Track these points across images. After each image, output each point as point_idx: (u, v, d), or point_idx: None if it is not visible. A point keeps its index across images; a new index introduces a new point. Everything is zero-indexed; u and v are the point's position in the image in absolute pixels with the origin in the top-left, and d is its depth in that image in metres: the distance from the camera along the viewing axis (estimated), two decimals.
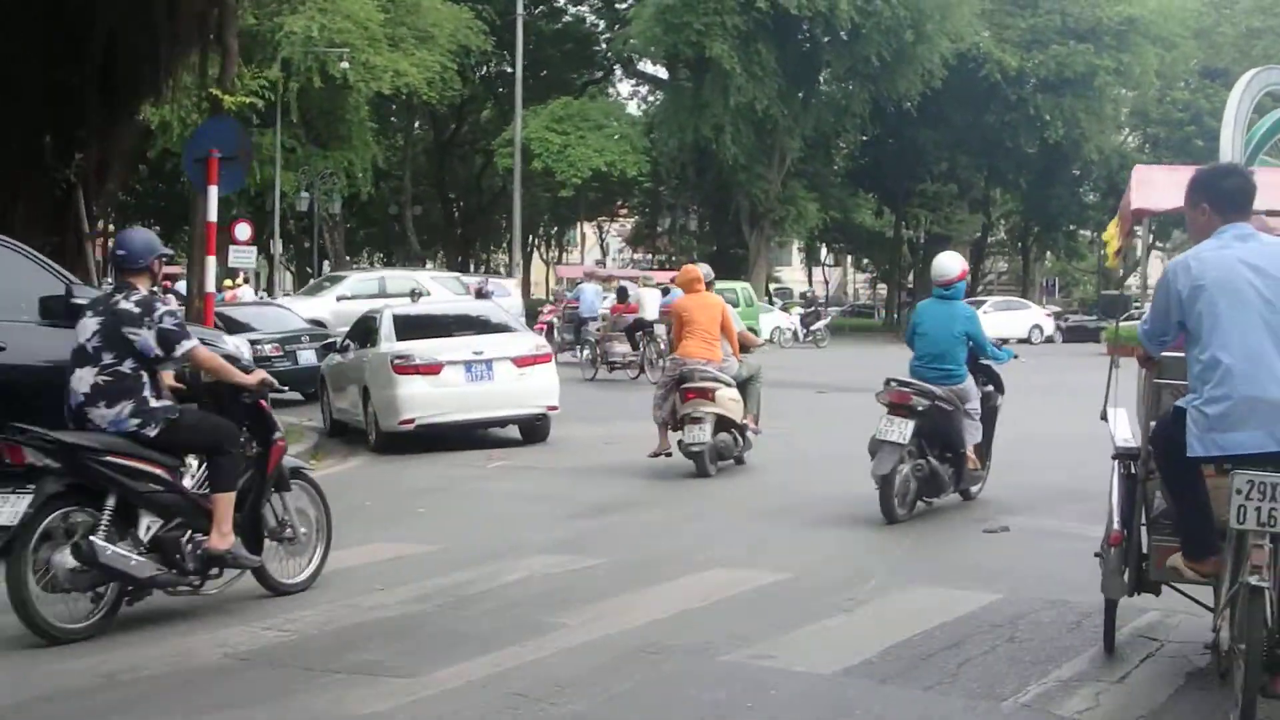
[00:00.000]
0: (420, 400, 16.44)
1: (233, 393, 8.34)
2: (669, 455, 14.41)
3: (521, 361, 16.92)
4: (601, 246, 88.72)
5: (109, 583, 7.67)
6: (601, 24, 68.96)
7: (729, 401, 14.02)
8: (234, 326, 23.58)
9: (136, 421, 7.84)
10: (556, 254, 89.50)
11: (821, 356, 41.30)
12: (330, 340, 21.10)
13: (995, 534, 10.59)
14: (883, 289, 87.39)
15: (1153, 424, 6.62)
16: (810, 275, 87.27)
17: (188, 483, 8.14)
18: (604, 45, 66.73)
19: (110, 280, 11.97)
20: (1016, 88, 59.55)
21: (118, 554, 7.56)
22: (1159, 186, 7.25)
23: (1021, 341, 50.91)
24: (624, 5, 62.30)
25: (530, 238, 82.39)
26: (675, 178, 61.50)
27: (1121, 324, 9.13)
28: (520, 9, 52.98)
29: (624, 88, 74.53)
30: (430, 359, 16.59)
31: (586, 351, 30.17)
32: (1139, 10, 58.72)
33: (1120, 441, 6.98)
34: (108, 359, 7.89)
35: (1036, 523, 11.02)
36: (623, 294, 31.40)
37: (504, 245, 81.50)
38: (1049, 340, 50.23)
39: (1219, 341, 5.76)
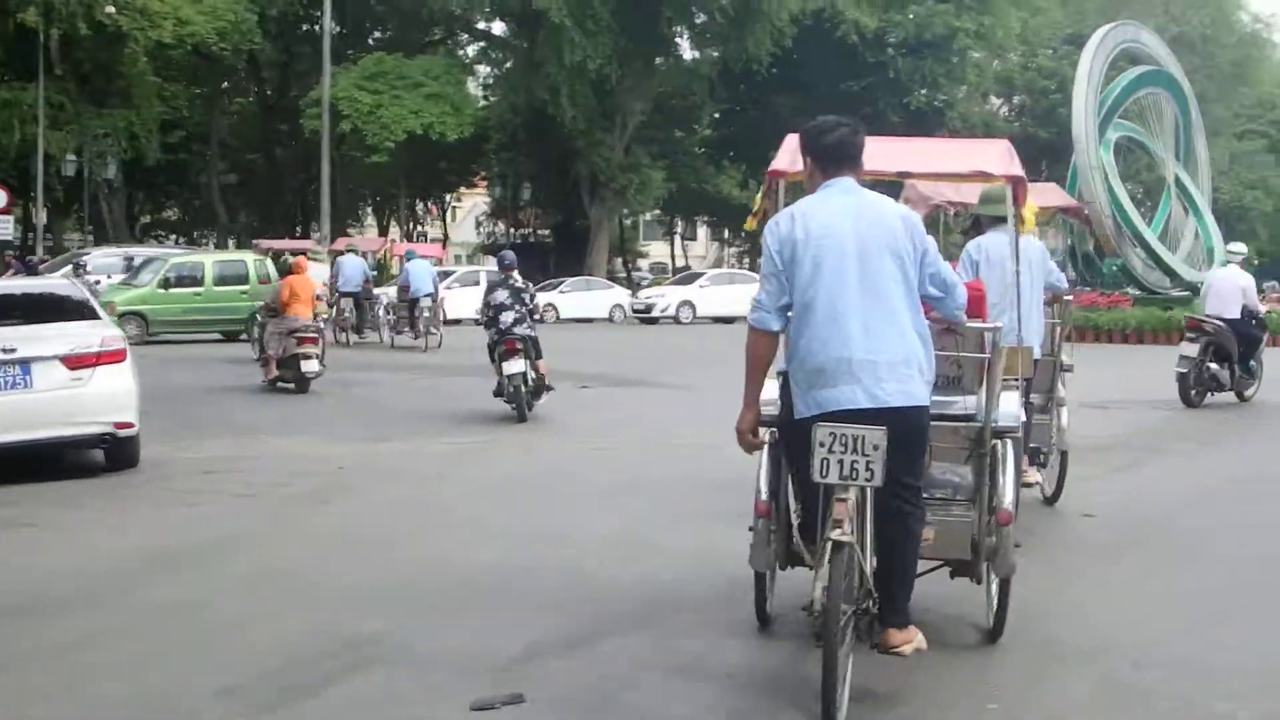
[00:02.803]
0: None
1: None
2: (275, 382, 20.34)
3: (76, 361, 12.15)
4: (444, 219, 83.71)
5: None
6: None
7: (323, 343, 21.14)
8: None
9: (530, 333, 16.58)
10: (410, 227, 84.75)
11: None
12: None
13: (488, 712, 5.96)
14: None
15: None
16: (672, 249, 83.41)
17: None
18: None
19: None
20: (876, 50, 56.46)
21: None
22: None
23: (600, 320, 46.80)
24: None
25: (386, 211, 77.62)
26: (510, 143, 57.24)
27: None
28: None
29: (472, 50, 70.17)
30: None
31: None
32: None
33: (764, 409, 6.25)
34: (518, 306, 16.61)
35: (619, 650, 6.82)
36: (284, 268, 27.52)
37: (353, 217, 76.84)
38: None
39: (814, 297, 5.79)
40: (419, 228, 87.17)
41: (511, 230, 76.98)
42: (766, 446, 6.42)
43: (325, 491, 11.89)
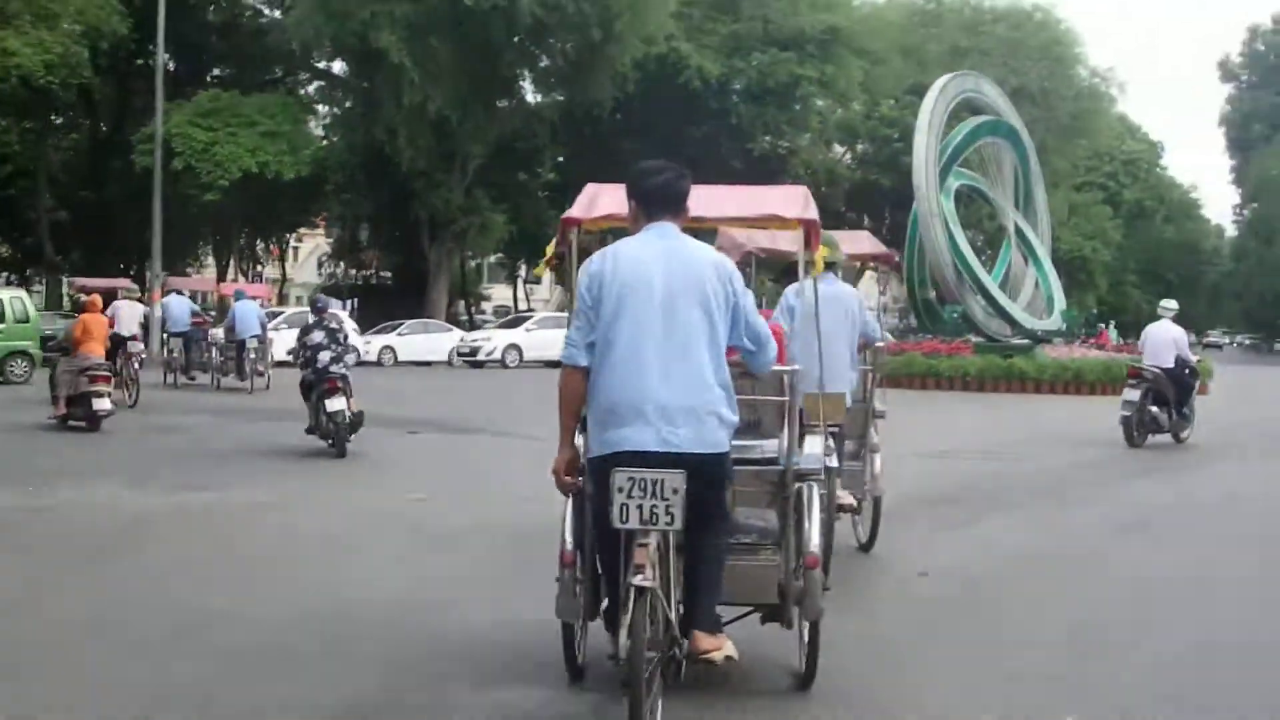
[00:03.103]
0: None
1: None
2: (66, 420, 20.21)
3: None
4: (282, 259, 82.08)
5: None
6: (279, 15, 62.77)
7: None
8: None
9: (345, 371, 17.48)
10: (249, 267, 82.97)
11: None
12: None
13: None
14: None
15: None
16: (515, 292, 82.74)
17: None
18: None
19: None
20: (719, 97, 56.41)
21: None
22: (599, 199, 6.97)
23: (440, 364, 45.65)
24: None
25: (226, 251, 75.66)
26: (349, 183, 56.06)
27: None
28: None
29: (314, 89, 68.85)
30: None
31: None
32: (843, 20, 56.36)
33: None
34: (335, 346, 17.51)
35: None
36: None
37: (192, 256, 74.94)
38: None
39: (615, 337, 5.77)
40: (259, 268, 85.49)
41: (353, 271, 75.72)
42: (572, 494, 6.29)
43: (118, 545, 10.97)
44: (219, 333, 32.95)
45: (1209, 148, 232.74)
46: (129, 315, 26.97)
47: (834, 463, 8.63)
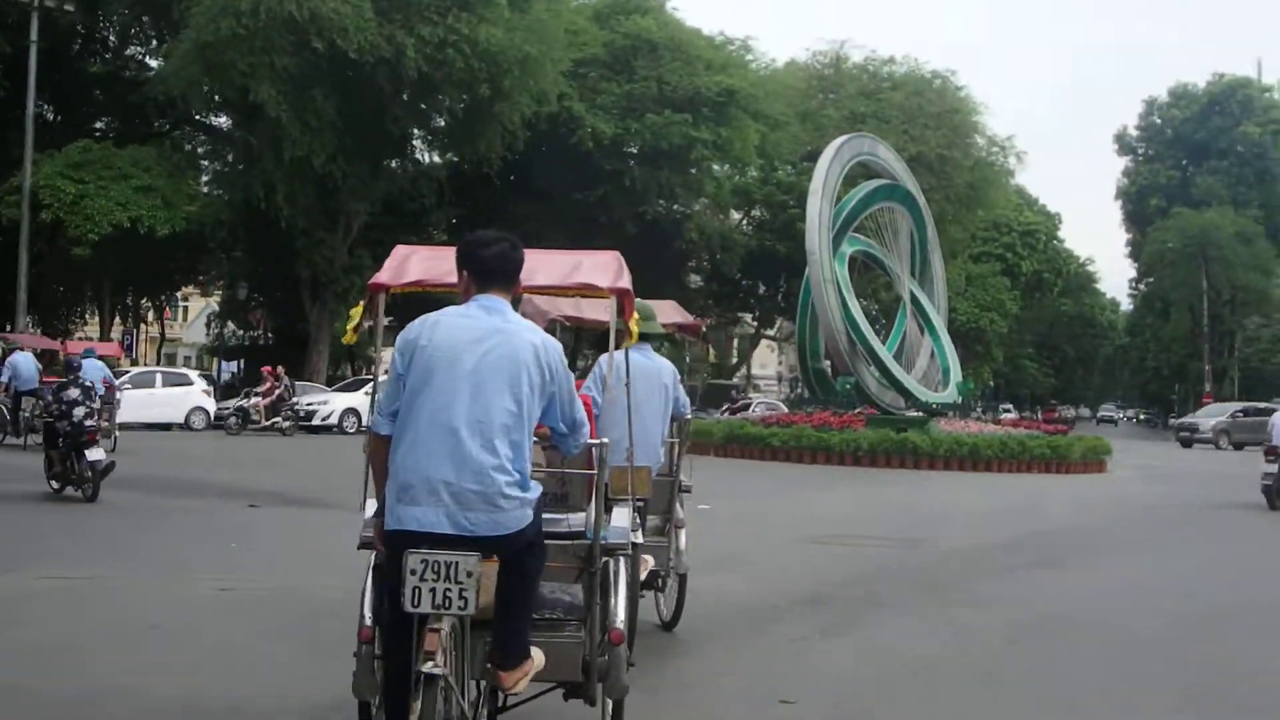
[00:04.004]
0: None
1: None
2: None
3: None
4: (160, 318, 79.84)
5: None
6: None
7: None
8: None
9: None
10: (134, 323, 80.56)
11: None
12: None
13: None
14: None
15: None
16: None
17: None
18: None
19: None
20: (613, 159, 55.17)
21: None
22: (408, 263, 6.93)
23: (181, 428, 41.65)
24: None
25: (130, 305, 73.34)
26: (229, 241, 54.26)
27: None
28: (35, 35, 45.20)
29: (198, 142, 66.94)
30: None
31: None
32: (738, 83, 55.49)
33: (365, 530, 6.10)
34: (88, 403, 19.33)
35: None
36: None
37: (73, 314, 72.58)
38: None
39: (415, 412, 5.56)
40: (145, 326, 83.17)
41: (239, 332, 73.78)
42: (371, 569, 6.10)
43: None
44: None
45: (1106, 221, 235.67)
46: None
47: (640, 537, 8.24)
